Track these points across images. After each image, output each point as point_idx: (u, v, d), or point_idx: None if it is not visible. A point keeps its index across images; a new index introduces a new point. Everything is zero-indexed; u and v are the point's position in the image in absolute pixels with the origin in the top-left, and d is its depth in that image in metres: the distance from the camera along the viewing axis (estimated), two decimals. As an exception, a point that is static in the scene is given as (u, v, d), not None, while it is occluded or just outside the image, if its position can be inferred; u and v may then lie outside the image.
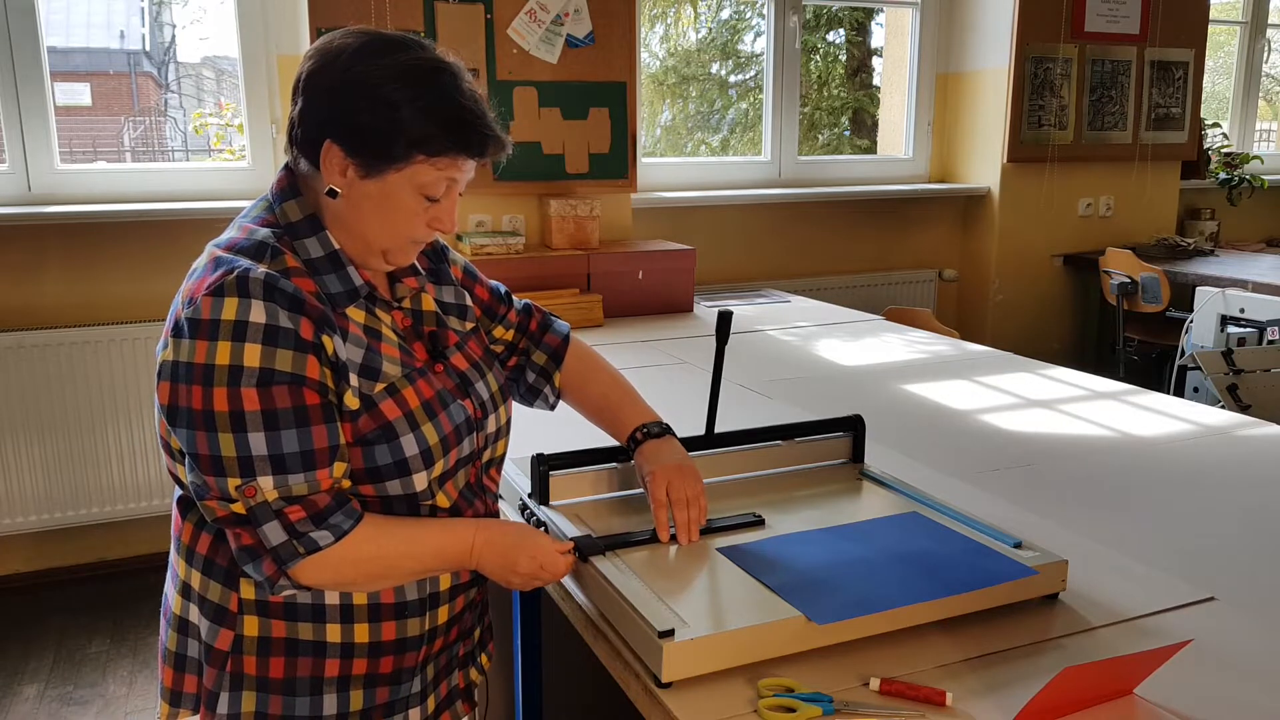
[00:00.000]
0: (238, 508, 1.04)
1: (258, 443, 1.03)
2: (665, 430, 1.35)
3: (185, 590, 1.16)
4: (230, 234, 1.13)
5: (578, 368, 1.42)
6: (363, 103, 1.07)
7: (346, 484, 1.09)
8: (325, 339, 1.07)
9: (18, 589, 3.20)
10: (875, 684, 1.00)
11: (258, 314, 1.03)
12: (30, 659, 2.81)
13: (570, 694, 1.87)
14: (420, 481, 1.14)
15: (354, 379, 1.10)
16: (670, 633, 1.00)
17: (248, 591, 1.12)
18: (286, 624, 1.12)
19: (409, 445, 1.12)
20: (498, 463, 1.30)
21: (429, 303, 1.25)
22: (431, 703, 1.24)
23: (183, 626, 1.17)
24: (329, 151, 1.10)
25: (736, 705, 0.98)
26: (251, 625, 1.12)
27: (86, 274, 3.15)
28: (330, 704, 1.14)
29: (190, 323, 1.03)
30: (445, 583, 1.19)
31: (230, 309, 1.03)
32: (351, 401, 1.10)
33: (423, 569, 1.15)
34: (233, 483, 1.03)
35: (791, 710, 0.96)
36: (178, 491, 1.17)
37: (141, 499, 3.26)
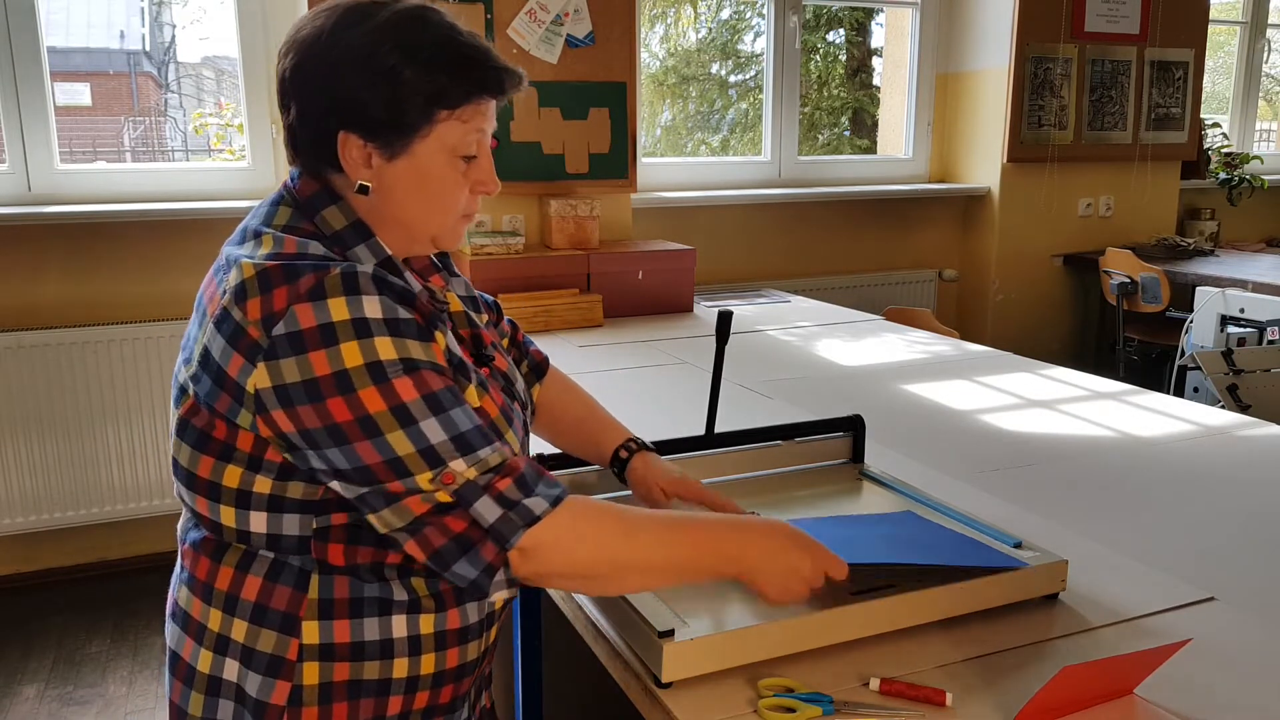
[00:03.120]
0: (442, 496, 0.93)
1: (433, 429, 0.93)
2: (646, 446, 1.31)
3: (221, 645, 1.03)
4: (266, 248, 0.99)
5: (557, 387, 1.37)
6: (360, 79, 0.99)
7: (528, 457, 1.00)
8: (439, 334, 1.00)
9: (18, 589, 3.20)
10: (875, 684, 1.00)
11: (373, 309, 0.94)
12: (30, 659, 2.81)
13: (570, 694, 1.87)
14: None
15: (472, 374, 1.03)
16: (670, 633, 1.00)
17: (310, 636, 1.01)
18: (351, 665, 1.02)
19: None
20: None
21: (456, 302, 1.15)
22: None
23: (214, 687, 1.04)
24: (345, 144, 1.01)
25: (736, 705, 0.98)
26: (311, 673, 1.01)
27: (86, 274, 3.15)
28: None
29: (290, 338, 0.92)
30: (500, 600, 1.06)
31: (339, 309, 0.92)
32: (473, 399, 1.01)
33: (675, 566, 1.00)
34: (424, 477, 0.92)
35: (791, 710, 0.96)
36: (194, 535, 1.06)
37: (141, 499, 3.26)
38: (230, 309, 0.95)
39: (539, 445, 1.38)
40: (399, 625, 1.03)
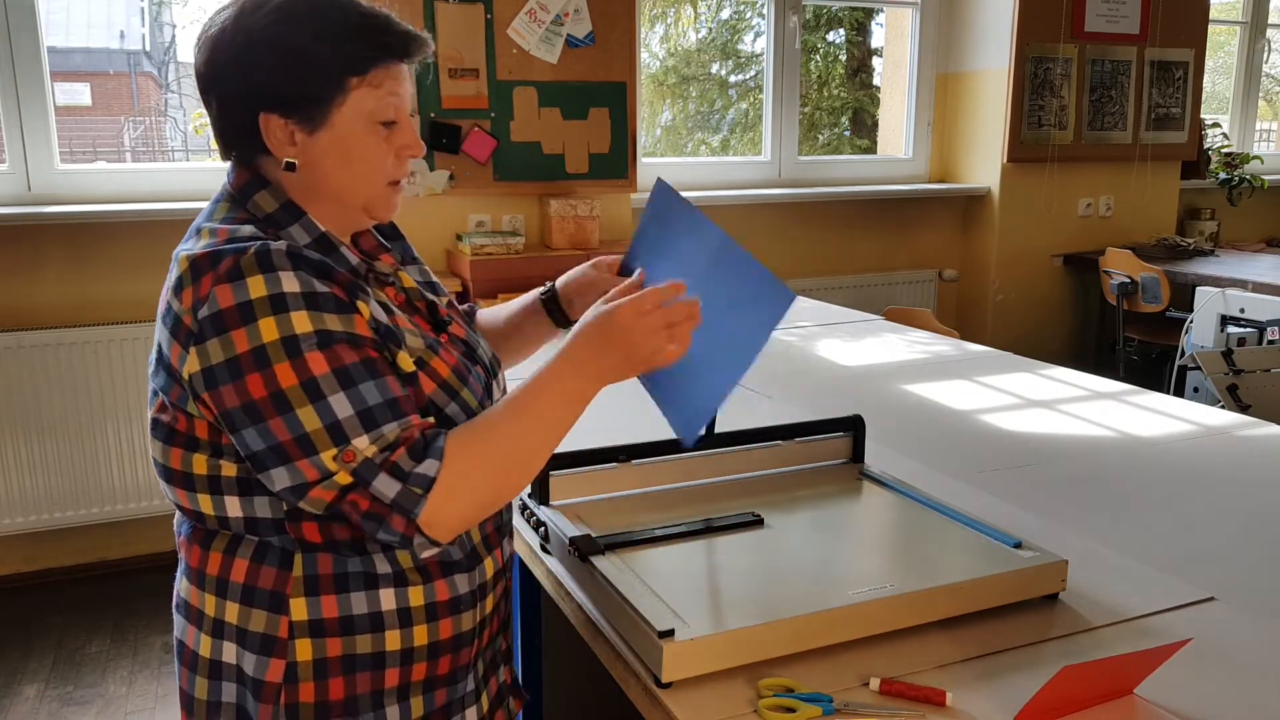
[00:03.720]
0: (342, 478, 0.96)
1: (340, 404, 0.96)
2: (553, 285, 1.33)
3: (217, 629, 1.07)
4: (204, 240, 1.03)
5: (486, 316, 1.40)
6: (269, 60, 1.03)
7: (432, 422, 1.03)
8: (361, 304, 1.02)
9: (17, 589, 3.20)
10: (875, 684, 1.00)
11: (290, 283, 0.97)
12: (30, 659, 2.81)
13: (570, 694, 1.87)
14: None
15: (409, 339, 1.05)
16: (670, 633, 1.00)
17: (299, 613, 1.04)
18: (343, 640, 1.05)
19: (455, 416, 1.07)
20: None
21: (408, 279, 1.18)
22: (485, 701, 1.20)
23: (216, 670, 1.08)
24: (267, 126, 1.05)
25: (736, 705, 0.98)
26: (304, 649, 1.04)
27: (86, 274, 3.15)
28: (393, 716, 1.08)
29: (212, 320, 0.96)
30: (490, 570, 1.15)
31: (257, 287, 0.96)
32: (406, 363, 1.04)
33: (548, 428, 1.05)
34: (329, 454, 0.95)
35: (791, 710, 0.96)
36: (186, 527, 1.10)
37: (141, 499, 3.26)
38: (171, 302, 1.00)
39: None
40: (387, 598, 1.06)
